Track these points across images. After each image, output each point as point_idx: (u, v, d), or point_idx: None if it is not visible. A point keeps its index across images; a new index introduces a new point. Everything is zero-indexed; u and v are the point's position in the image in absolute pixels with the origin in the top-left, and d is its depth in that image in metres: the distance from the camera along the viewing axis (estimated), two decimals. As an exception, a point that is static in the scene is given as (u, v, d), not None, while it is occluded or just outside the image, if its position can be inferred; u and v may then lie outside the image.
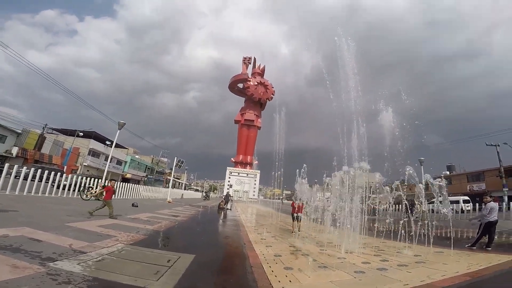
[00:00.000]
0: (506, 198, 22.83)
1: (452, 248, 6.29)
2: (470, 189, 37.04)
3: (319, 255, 5.60)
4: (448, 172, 44.86)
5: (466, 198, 27.83)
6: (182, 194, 34.61)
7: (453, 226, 9.00)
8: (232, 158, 53.74)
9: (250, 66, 55.47)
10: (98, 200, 13.10)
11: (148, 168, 57.05)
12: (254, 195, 41.19)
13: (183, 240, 6.92)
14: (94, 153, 39.16)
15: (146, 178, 51.21)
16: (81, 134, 36.27)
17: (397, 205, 18.24)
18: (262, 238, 7.59)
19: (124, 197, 18.08)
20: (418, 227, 7.02)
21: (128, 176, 46.46)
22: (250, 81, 52.53)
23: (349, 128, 8.84)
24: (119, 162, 46.08)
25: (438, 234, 8.47)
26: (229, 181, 48.01)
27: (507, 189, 28.15)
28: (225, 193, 31.88)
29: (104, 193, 8.56)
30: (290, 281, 3.70)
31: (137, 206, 12.87)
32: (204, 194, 42.44)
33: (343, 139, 8.68)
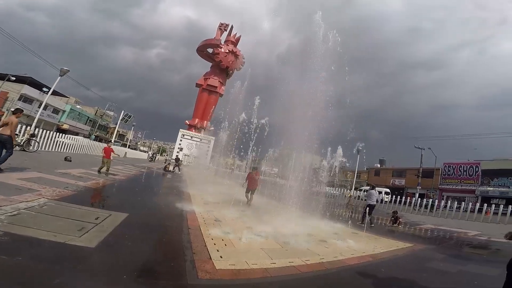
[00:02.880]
0: (417, 195, 26.94)
1: (364, 230, 7.33)
2: (393, 183, 42.62)
3: (257, 224, 6.01)
4: (379, 165, 50.65)
5: (388, 190, 32.02)
6: (126, 153, 32.72)
7: (374, 214, 10.39)
8: (187, 121, 51.94)
9: (225, 34, 52.98)
10: (24, 150, 11.70)
11: (90, 121, 51.97)
12: (206, 161, 40.71)
13: (118, 199, 6.64)
14: (26, 99, 34.18)
15: (89, 133, 46.80)
16: (13, 78, 31.32)
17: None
18: (206, 203, 7.77)
19: (57, 150, 16.36)
20: (345, 210, 7.99)
21: (65, 127, 41.75)
22: (221, 47, 50.38)
23: (307, 110, 9.17)
24: (55, 111, 40.89)
25: (358, 218, 9.71)
26: (180, 144, 46.52)
27: (420, 187, 33.19)
28: (174, 156, 31.04)
29: (103, 153, 10.38)
30: (225, 244, 3.96)
31: (71, 161, 11.74)
32: (150, 155, 40.74)
33: (300, 120, 9.00)
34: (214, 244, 3.84)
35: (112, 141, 23.67)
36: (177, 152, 43.42)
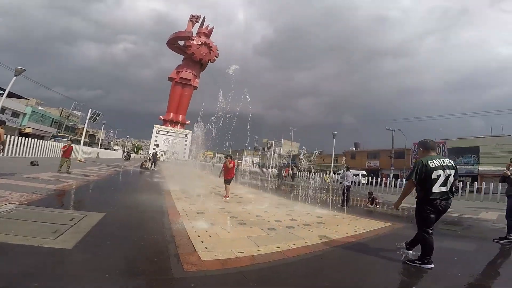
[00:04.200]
0: (391, 176, 28.35)
1: (345, 212, 7.55)
2: (368, 165, 44.52)
3: (240, 213, 5.97)
4: (354, 148, 52.57)
5: (364, 172, 33.34)
6: (98, 153, 31.18)
7: (352, 195, 10.76)
8: (161, 116, 50.39)
9: (197, 26, 51.37)
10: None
11: (55, 122, 48.73)
12: (184, 156, 39.71)
13: (93, 200, 6.30)
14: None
15: (52, 137, 43.85)
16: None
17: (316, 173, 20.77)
18: (187, 197, 7.60)
19: (22, 155, 15.21)
20: (325, 194, 8.18)
21: (28, 130, 38.80)
22: (193, 39, 48.88)
23: (282, 100, 9.19)
24: (15, 114, 37.80)
25: (340, 201, 9.99)
26: (156, 140, 45.08)
27: (393, 168, 35.00)
28: (151, 153, 30.03)
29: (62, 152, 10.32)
30: (210, 236, 3.87)
31: (38, 165, 11.03)
32: (125, 153, 39.18)
33: (277, 109, 9.04)
34: (198, 236, 3.75)
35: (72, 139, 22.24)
36: (154, 148, 42.15)
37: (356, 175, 31.72)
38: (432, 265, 3.25)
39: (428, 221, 3.31)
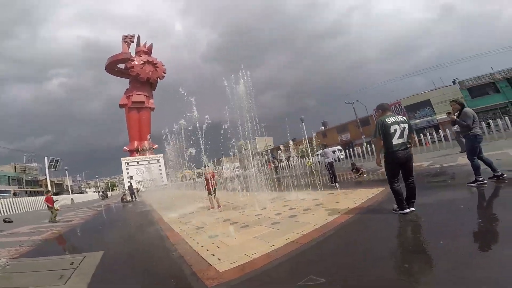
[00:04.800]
0: (364, 144, 29.60)
1: (337, 189, 7.74)
2: (340, 140, 46.10)
3: (239, 217, 5.87)
4: (323, 128, 54.23)
5: (339, 147, 34.43)
6: (72, 199, 29.13)
7: (337, 171, 11.02)
8: (125, 147, 48.02)
9: (134, 45, 49.02)
10: None
11: (12, 179, 44.73)
12: (162, 181, 38.32)
13: (85, 241, 5.99)
14: None
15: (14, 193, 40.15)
16: None
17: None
18: (179, 218, 7.34)
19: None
20: (312, 177, 8.33)
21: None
22: (133, 60, 46.58)
23: (243, 100, 9.16)
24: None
25: (328, 180, 10.19)
26: (128, 173, 42.97)
27: (364, 136, 36.55)
28: (126, 186, 28.69)
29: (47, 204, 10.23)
30: (218, 247, 3.74)
31: (12, 221, 10.41)
32: (101, 193, 37.00)
33: (239, 111, 8.98)
34: (207, 250, 3.62)
35: (50, 189, 20.60)
36: (128, 181, 40.17)
37: (333, 151, 32.79)
38: (407, 210, 3.82)
39: (393, 172, 3.95)
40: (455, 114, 5.34)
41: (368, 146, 21.50)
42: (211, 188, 8.17)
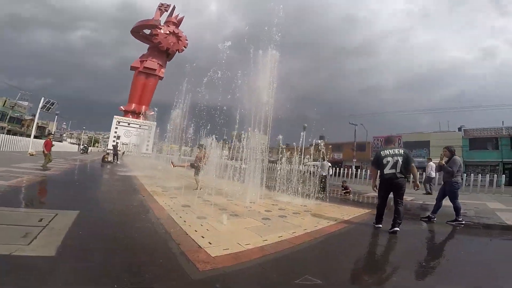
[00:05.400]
0: (353, 167, 29.94)
1: (327, 201, 7.69)
2: (332, 157, 46.49)
3: (228, 205, 5.70)
4: (320, 141, 54.59)
5: (329, 164, 34.66)
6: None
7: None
8: (121, 106, 46.98)
9: (166, 14, 48.52)
10: None
11: (-4, 113, 42.97)
12: (147, 149, 37.38)
13: (60, 196, 5.57)
14: None
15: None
16: None
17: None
18: (163, 191, 7.09)
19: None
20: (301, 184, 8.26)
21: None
22: (161, 28, 46.22)
23: (254, 93, 8.95)
24: None
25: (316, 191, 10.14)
26: (116, 132, 41.93)
27: (355, 160, 37.08)
28: (110, 145, 27.89)
29: (43, 147, 10.11)
30: (207, 229, 3.56)
31: None
32: (82, 146, 35.97)
33: (247, 103, 8.76)
34: (196, 231, 3.42)
35: (53, 134, 19.60)
36: (114, 141, 39.25)
37: (329, 166, 33.06)
38: (379, 225, 4.53)
39: (383, 195, 4.61)
40: (444, 160, 5.58)
41: (355, 170, 21.71)
42: (198, 169, 7.97)
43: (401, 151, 4.48)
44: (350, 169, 22.97)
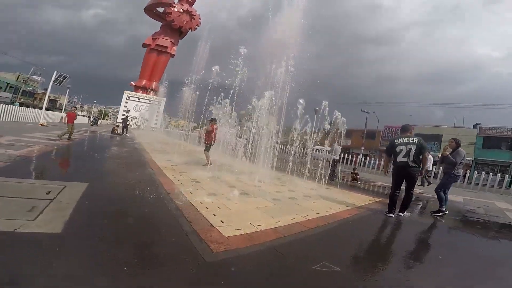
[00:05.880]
0: (361, 155, 29.54)
1: (335, 186, 7.53)
2: (340, 143, 46.03)
3: (237, 183, 5.60)
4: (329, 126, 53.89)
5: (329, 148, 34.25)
6: (62, 117, 28.37)
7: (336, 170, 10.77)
8: (132, 82, 47.03)
9: None
10: None
11: (10, 87, 43.52)
12: (156, 124, 37.93)
13: (69, 168, 5.59)
14: None
15: (11, 100, 38.97)
16: None
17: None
18: (172, 166, 7.02)
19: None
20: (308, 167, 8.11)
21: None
22: (174, 6, 45.26)
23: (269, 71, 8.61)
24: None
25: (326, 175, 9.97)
26: (126, 106, 42.29)
27: (363, 148, 36.52)
28: (120, 118, 28.01)
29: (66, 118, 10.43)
30: (218, 207, 3.47)
31: None
32: (92, 119, 36.36)
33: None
34: (207, 208, 3.33)
35: (76, 107, 19.52)
36: (123, 114, 39.48)
37: (321, 150, 32.76)
38: (392, 215, 4.48)
39: (396, 183, 4.59)
40: (448, 151, 5.42)
41: (363, 158, 21.38)
42: (210, 143, 7.76)
43: (415, 139, 4.44)
44: (358, 157, 22.66)
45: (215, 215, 3.09)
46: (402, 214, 4.61)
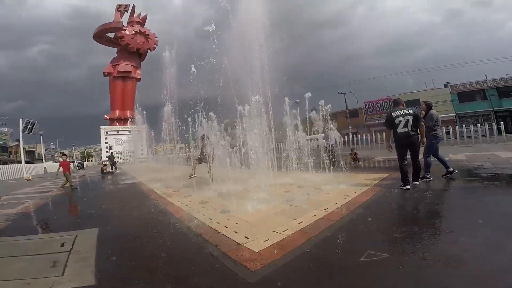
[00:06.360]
0: (350, 134, 29.93)
1: (343, 171, 7.52)
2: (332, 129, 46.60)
3: (245, 193, 5.50)
4: (312, 112, 54.59)
5: (338, 134, 34.76)
6: (45, 168, 27.40)
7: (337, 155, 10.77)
8: (105, 115, 45.87)
9: (127, 15, 46.68)
10: None
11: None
12: (142, 153, 37.00)
13: (72, 216, 5.34)
14: None
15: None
16: None
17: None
18: (174, 191, 6.84)
19: None
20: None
21: None
22: (125, 29, 44.50)
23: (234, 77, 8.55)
24: None
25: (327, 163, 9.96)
26: (106, 143, 41.17)
27: (350, 127, 37.12)
28: (105, 157, 27.31)
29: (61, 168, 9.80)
30: (236, 223, 3.35)
31: None
32: (77, 163, 35.29)
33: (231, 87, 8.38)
34: (226, 227, 3.21)
35: (66, 155, 18.68)
36: (107, 152, 38.50)
37: (313, 139, 33.10)
38: (408, 187, 4.55)
39: (401, 153, 4.75)
40: (422, 114, 5.47)
41: (353, 136, 21.71)
42: (202, 157, 7.60)
43: (411, 110, 4.67)
44: (348, 136, 22.97)
45: (237, 232, 2.97)
46: (417, 183, 4.75)
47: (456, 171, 5.37)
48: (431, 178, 5.18)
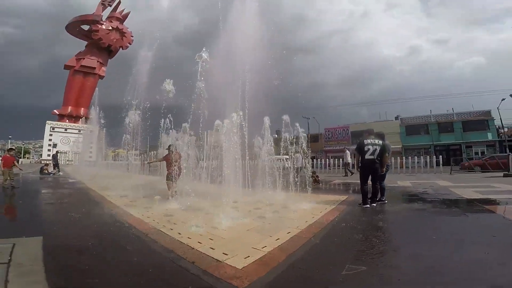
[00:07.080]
0: (309, 157, 31.29)
1: (307, 192, 7.70)
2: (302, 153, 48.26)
3: (213, 208, 5.27)
4: (276, 136, 56.07)
5: (287, 156, 35.90)
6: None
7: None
8: (55, 110, 41.48)
9: (110, 9, 44.28)
10: None
11: None
12: (90, 156, 33.35)
13: (4, 221, 4.61)
14: None
15: None
16: None
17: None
18: (132, 201, 6.31)
19: None
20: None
21: None
22: (102, 24, 41.87)
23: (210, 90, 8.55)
24: None
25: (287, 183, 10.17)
26: (50, 140, 36.85)
27: (310, 151, 38.83)
28: (46, 155, 24.36)
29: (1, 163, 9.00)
30: (211, 239, 3.18)
31: None
32: (52, 160, 30.65)
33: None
34: (200, 243, 3.02)
35: (14, 148, 15.51)
36: (49, 149, 34.51)
37: (281, 159, 33.98)
38: (367, 205, 5.24)
39: (363, 177, 5.42)
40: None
41: (312, 160, 22.80)
42: (174, 173, 7.12)
43: (380, 142, 5.36)
44: (309, 160, 23.93)
45: (213, 248, 2.83)
46: (374, 205, 5.35)
47: (386, 201, 5.86)
48: (386, 201, 5.76)
